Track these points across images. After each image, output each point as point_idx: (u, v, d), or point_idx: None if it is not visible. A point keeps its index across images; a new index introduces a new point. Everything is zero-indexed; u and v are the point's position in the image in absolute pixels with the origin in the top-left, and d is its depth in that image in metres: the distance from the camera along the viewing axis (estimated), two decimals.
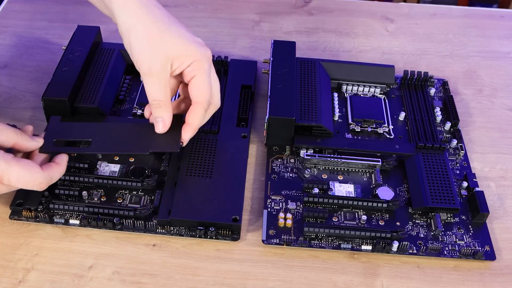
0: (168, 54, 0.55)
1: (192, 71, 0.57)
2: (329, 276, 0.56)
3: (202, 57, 0.56)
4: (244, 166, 0.63)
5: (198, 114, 0.58)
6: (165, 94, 0.56)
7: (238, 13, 0.88)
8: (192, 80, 0.57)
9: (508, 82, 0.80)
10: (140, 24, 0.55)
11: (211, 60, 0.58)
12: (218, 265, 0.57)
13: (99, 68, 0.71)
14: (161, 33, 0.55)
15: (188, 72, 0.57)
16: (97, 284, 0.54)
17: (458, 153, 0.68)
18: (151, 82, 0.56)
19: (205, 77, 0.57)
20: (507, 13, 0.93)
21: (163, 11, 0.57)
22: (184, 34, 0.56)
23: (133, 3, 0.55)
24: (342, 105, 0.72)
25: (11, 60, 0.78)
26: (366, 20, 0.89)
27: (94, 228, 0.58)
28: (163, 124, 0.58)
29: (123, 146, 0.59)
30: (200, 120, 0.58)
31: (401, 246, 0.58)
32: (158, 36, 0.55)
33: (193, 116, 0.58)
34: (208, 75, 0.58)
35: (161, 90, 0.56)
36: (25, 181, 0.54)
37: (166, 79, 0.56)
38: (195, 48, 0.56)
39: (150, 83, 0.56)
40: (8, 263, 0.55)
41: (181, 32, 0.56)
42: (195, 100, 0.58)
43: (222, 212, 0.58)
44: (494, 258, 0.58)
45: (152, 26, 0.55)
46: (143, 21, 0.55)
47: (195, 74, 0.57)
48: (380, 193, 0.62)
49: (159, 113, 0.57)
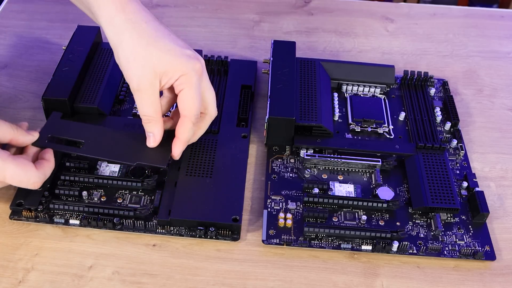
0: (155, 70, 0.55)
1: (180, 84, 0.56)
2: (329, 276, 0.56)
3: (190, 70, 0.56)
4: (244, 166, 0.63)
5: (186, 128, 0.58)
6: (155, 109, 0.56)
7: (238, 13, 0.88)
8: (180, 94, 0.57)
9: (508, 82, 0.80)
10: (125, 41, 0.54)
11: (201, 72, 0.57)
12: (218, 265, 0.57)
13: (99, 68, 0.71)
14: (148, 49, 0.54)
15: (177, 86, 0.56)
16: (97, 284, 0.54)
17: (458, 153, 0.68)
18: (140, 98, 0.56)
19: (192, 91, 0.56)
20: (507, 13, 0.93)
21: (152, 24, 0.56)
22: (172, 47, 0.55)
23: (119, 19, 0.54)
24: (342, 105, 0.72)
25: (11, 60, 0.78)
26: (366, 20, 0.89)
27: (94, 228, 0.58)
28: (153, 139, 0.58)
29: (112, 153, 0.60)
30: (188, 133, 0.58)
31: (401, 246, 0.58)
32: (144, 52, 0.54)
33: (181, 130, 0.58)
34: (197, 88, 0.57)
35: (150, 106, 0.56)
36: (20, 180, 0.55)
37: (155, 95, 0.56)
38: (182, 62, 0.55)
39: (139, 99, 0.56)
40: (8, 263, 0.55)
41: (169, 46, 0.55)
42: (182, 113, 0.57)
43: (222, 212, 0.58)
44: (494, 258, 0.58)
45: (138, 42, 0.54)
46: (129, 37, 0.54)
47: (183, 88, 0.56)
48: (380, 193, 0.62)
49: (149, 128, 0.58)
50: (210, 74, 0.73)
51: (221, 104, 0.70)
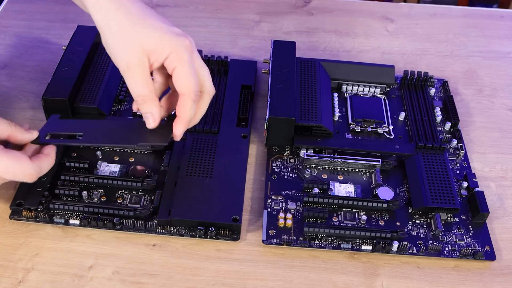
0: (143, 47, 0.54)
1: (171, 63, 0.55)
2: (329, 276, 0.56)
3: (180, 47, 0.54)
4: (244, 166, 0.63)
5: (186, 106, 0.56)
6: (148, 88, 0.55)
7: (238, 13, 0.88)
8: (174, 73, 0.55)
9: (508, 82, 0.80)
10: (113, 21, 0.54)
11: (192, 49, 0.56)
12: (218, 265, 0.57)
13: (99, 68, 0.71)
14: (135, 27, 0.54)
15: (168, 65, 0.55)
16: (97, 284, 0.54)
17: (458, 153, 0.68)
18: (131, 78, 0.54)
19: (186, 67, 0.55)
20: (507, 13, 0.93)
21: (138, 4, 0.55)
22: (160, 25, 0.55)
23: (105, 0, 0.54)
24: (342, 105, 0.72)
25: (11, 60, 0.78)
26: (366, 20, 0.89)
27: (94, 228, 0.58)
28: (153, 119, 0.56)
29: (112, 139, 0.59)
30: (190, 112, 0.56)
31: (401, 246, 0.58)
32: (132, 30, 0.54)
33: (182, 109, 0.56)
34: (190, 64, 0.55)
35: (143, 84, 0.55)
36: (14, 172, 0.54)
37: (146, 73, 0.54)
38: (171, 38, 0.54)
39: (130, 79, 0.55)
40: (8, 263, 0.55)
41: (156, 24, 0.55)
42: (181, 92, 0.56)
43: (222, 212, 0.58)
44: (494, 258, 0.58)
45: (125, 21, 0.54)
46: (116, 17, 0.54)
47: (175, 66, 0.55)
48: (380, 193, 0.62)
49: (146, 109, 0.56)
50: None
51: (221, 104, 0.70)
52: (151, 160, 0.64)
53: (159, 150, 0.65)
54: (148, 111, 0.56)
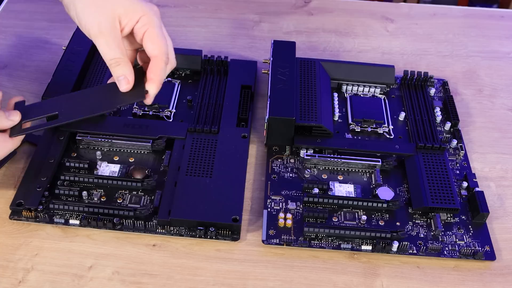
0: (114, 11, 0.55)
1: (142, 26, 0.56)
2: (329, 276, 0.56)
3: (149, 10, 0.56)
4: (244, 166, 0.63)
5: (158, 67, 0.56)
6: (121, 50, 0.56)
7: (238, 13, 0.88)
8: (145, 35, 0.56)
9: (508, 82, 0.80)
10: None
11: (160, 17, 0.57)
12: (218, 265, 0.57)
13: (99, 68, 0.71)
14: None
15: (139, 29, 0.56)
16: (97, 284, 0.54)
17: (458, 153, 0.68)
18: (104, 42, 0.55)
19: (157, 30, 0.56)
20: (507, 13, 0.93)
21: None
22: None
23: None
24: (342, 105, 0.72)
25: (11, 60, 0.78)
26: (366, 20, 0.89)
27: (94, 228, 0.58)
28: (126, 81, 0.57)
29: (90, 109, 0.58)
30: (162, 74, 0.57)
31: (401, 246, 0.58)
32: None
33: (155, 70, 0.56)
34: (160, 28, 0.57)
35: (116, 47, 0.55)
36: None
37: (118, 36, 0.55)
38: (141, 3, 0.56)
39: (103, 43, 0.55)
40: (8, 263, 0.55)
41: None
42: (153, 54, 0.56)
43: (222, 212, 0.58)
44: (494, 258, 0.58)
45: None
46: None
47: (147, 28, 0.56)
48: (380, 193, 0.62)
49: (119, 71, 0.56)
50: (210, 74, 0.73)
51: (221, 104, 0.70)
52: (151, 160, 0.64)
53: (159, 150, 0.65)
54: (122, 74, 0.56)
